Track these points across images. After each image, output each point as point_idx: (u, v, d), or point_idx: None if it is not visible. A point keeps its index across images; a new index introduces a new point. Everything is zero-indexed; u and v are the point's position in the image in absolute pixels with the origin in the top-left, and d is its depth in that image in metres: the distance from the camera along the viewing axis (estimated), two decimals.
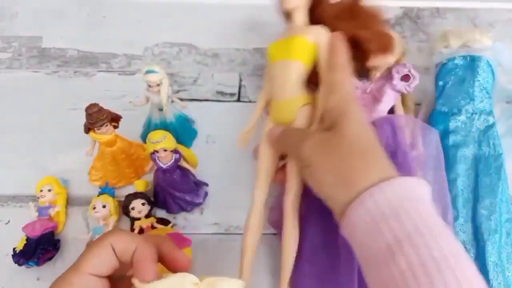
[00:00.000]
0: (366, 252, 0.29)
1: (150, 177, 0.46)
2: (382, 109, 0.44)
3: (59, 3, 0.59)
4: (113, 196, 0.45)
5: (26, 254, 0.41)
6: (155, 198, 0.46)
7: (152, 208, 0.44)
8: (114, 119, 0.43)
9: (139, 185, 0.45)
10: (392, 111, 0.45)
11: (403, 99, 0.46)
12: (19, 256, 0.41)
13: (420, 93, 0.47)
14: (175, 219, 0.46)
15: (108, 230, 0.41)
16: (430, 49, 0.51)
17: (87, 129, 0.42)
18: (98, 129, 0.42)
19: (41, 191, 0.45)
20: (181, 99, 0.49)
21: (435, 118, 0.45)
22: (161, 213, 0.46)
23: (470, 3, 0.57)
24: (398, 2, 0.58)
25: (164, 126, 0.46)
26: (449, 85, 0.45)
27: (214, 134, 0.50)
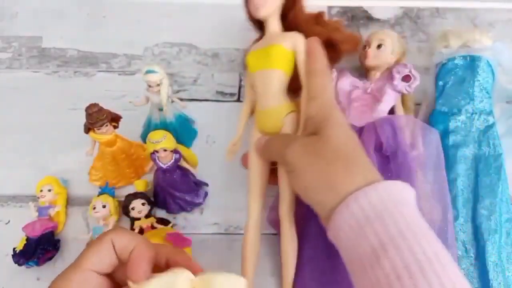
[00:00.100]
0: (352, 256, 0.30)
1: (150, 177, 0.46)
2: (382, 109, 0.44)
3: (59, 3, 0.59)
4: (113, 196, 0.45)
5: (26, 254, 0.41)
6: (155, 198, 0.46)
7: (152, 208, 0.44)
8: (114, 119, 0.43)
9: (139, 185, 0.45)
10: (392, 111, 0.45)
11: (403, 99, 0.46)
12: (19, 256, 0.41)
13: (420, 93, 0.47)
14: (175, 219, 0.46)
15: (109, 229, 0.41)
16: (430, 49, 0.51)
17: (87, 129, 0.42)
18: (98, 129, 0.42)
19: (41, 191, 0.45)
20: (181, 99, 0.49)
21: (435, 118, 0.45)
22: (161, 213, 0.46)
23: (470, 3, 0.57)
24: (398, 2, 0.58)
25: (164, 126, 0.46)
26: (449, 85, 0.45)
27: (214, 134, 0.50)
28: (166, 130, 0.43)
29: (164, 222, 0.44)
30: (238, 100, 0.52)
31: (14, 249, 0.42)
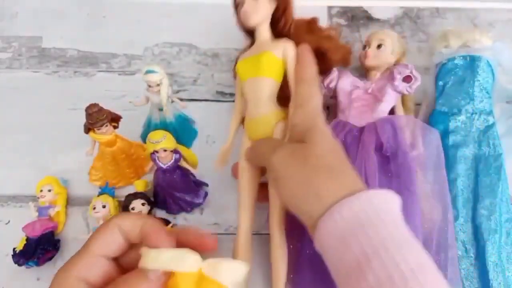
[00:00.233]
0: (338, 266, 0.30)
1: (150, 177, 0.46)
2: (383, 109, 0.44)
3: (59, 3, 0.59)
4: (113, 196, 0.45)
5: (26, 254, 0.41)
6: (155, 198, 0.46)
7: (152, 208, 0.44)
8: (114, 119, 0.43)
9: (139, 185, 0.45)
10: (393, 111, 0.45)
11: (403, 100, 0.46)
12: (19, 256, 0.41)
13: (420, 93, 0.47)
14: (175, 219, 0.46)
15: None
16: (430, 49, 0.51)
17: (87, 129, 0.42)
18: (98, 129, 0.42)
19: (41, 191, 0.45)
20: (181, 99, 0.49)
21: (435, 118, 0.45)
22: (161, 213, 0.46)
23: (470, 3, 0.57)
24: (398, 2, 0.58)
25: (164, 126, 0.46)
26: (449, 85, 0.45)
27: (214, 134, 0.50)
28: (166, 130, 0.43)
29: (164, 222, 0.44)
30: None
31: (14, 249, 0.42)
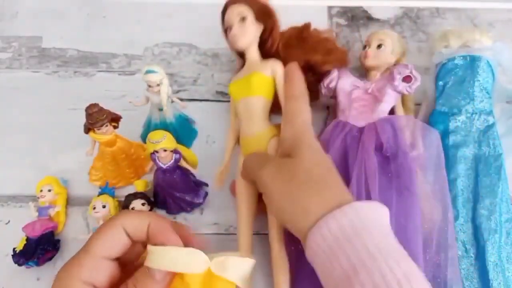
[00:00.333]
0: (327, 278, 0.30)
1: (150, 177, 0.46)
2: (383, 109, 0.44)
3: (59, 3, 0.59)
4: (113, 196, 0.45)
5: (26, 254, 0.41)
6: (155, 198, 0.46)
7: (152, 208, 0.44)
8: (114, 119, 0.43)
9: (139, 185, 0.45)
10: (392, 112, 0.45)
11: (403, 100, 0.46)
12: (19, 256, 0.41)
13: (420, 93, 0.47)
14: (175, 219, 0.46)
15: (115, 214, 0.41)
16: (430, 49, 0.51)
17: (87, 129, 0.42)
18: (98, 129, 0.42)
19: (41, 191, 0.45)
20: (181, 99, 0.49)
21: (435, 118, 0.45)
22: (161, 213, 0.46)
23: (470, 3, 0.57)
24: (398, 2, 0.58)
25: (164, 126, 0.46)
26: (449, 85, 0.45)
27: (214, 134, 0.50)
28: (166, 130, 0.43)
29: None
30: None
31: (14, 249, 0.42)
